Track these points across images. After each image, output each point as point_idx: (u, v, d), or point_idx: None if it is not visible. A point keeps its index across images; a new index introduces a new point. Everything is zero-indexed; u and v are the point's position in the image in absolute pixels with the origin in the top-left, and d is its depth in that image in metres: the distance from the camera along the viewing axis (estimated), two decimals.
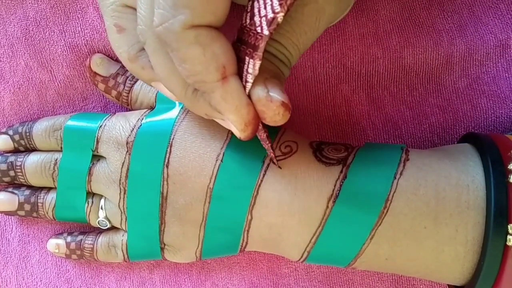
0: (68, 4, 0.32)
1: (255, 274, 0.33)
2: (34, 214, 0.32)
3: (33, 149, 0.32)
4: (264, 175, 0.26)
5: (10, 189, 0.32)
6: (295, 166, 0.26)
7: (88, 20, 0.32)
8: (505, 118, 0.31)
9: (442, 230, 0.24)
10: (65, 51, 0.33)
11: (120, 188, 0.29)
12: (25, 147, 0.32)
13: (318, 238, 0.26)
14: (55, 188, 0.31)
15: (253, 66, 0.20)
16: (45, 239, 0.34)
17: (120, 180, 0.29)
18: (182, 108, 0.29)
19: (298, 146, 0.27)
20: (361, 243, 0.25)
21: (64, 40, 0.33)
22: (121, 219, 0.30)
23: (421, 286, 0.31)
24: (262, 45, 0.20)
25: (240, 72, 0.21)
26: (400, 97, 0.32)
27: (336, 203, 0.25)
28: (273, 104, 0.21)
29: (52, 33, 0.33)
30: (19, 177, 0.32)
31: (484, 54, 0.31)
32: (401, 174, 0.25)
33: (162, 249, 0.29)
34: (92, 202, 0.31)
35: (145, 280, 0.33)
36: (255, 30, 0.20)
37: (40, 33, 0.33)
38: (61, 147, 0.31)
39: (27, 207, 0.32)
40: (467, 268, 0.25)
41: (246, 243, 0.28)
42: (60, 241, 0.32)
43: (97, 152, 0.30)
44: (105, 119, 0.30)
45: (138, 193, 0.28)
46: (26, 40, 0.33)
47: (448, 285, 0.28)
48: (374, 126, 0.32)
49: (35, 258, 0.34)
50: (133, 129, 0.29)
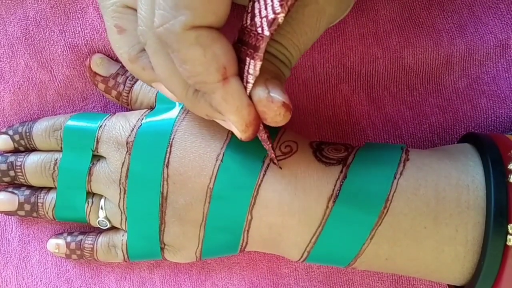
0: (68, 4, 0.32)
1: (255, 274, 0.33)
2: (34, 214, 0.32)
3: (33, 149, 0.32)
4: (264, 175, 0.26)
5: (10, 189, 0.32)
6: (295, 166, 0.26)
7: (88, 20, 0.32)
8: (505, 118, 0.31)
9: (442, 230, 0.24)
10: (65, 51, 0.33)
11: (120, 188, 0.29)
12: (25, 147, 0.32)
13: (318, 238, 0.26)
14: (55, 188, 0.31)
15: (254, 67, 0.20)
16: (45, 239, 0.34)
17: (120, 180, 0.29)
18: (182, 108, 0.29)
19: (298, 146, 0.27)
20: (361, 243, 0.25)
21: (64, 40, 0.33)
22: (121, 219, 0.30)
23: (421, 286, 0.31)
24: (263, 46, 0.20)
25: (241, 73, 0.21)
26: (400, 97, 0.32)
27: (336, 203, 0.25)
28: (274, 105, 0.21)
29: (52, 33, 0.33)
30: (19, 177, 0.32)
31: (484, 54, 0.31)
32: (401, 174, 0.25)
33: (162, 249, 0.29)
34: (92, 202, 0.31)
35: (145, 280, 0.33)
36: (256, 31, 0.20)
37: (40, 33, 0.33)
38: (61, 147, 0.31)
39: (27, 207, 0.32)
40: (467, 268, 0.25)
41: (246, 243, 0.28)
42: (60, 241, 0.32)
43: (97, 152, 0.30)
44: (105, 119, 0.30)
45: (138, 193, 0.28)
46: (26, 40, 0.33)
47: (448, 285, 0.28)
48: (374, 126, 0.32)
49: (35, 258, 0.34)
50: (133, 129, 0.29)
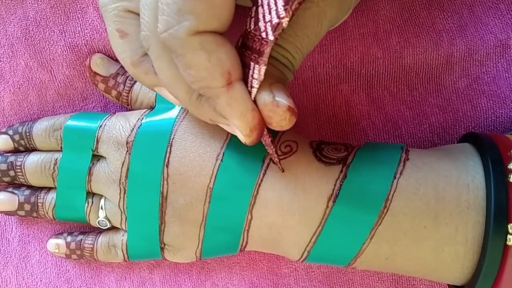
0: (68, 4, 0.32)
1: (255, 274, 0.33)
2: (34, 214, 0.32)
3: (33, 149, 0.32)
4: (264, 175, 0.26)
5: (10, 189, 0.32)
6: (295, 166, 0.26)
7: (88, 20, 0.32)
8: (505, 118, 0.31)
9: (442, 230, 0.24)
10: (65, 51, 0.33)
11: (120, 188, 0.29)
12: (25, 147, 0.32)
13: (318, 238, 0.26)
14: (55, 188, 0.31)
15: (259, 72, 0.20)
16: (45, 239, 0.34)
17: (120, 180, 0.29)
18: (182, 108, 0.29)
19: (298, 146, 0.27)
20: (361, 243, 0.25)
21: (64, 40, 0.33)
22: (121, 219, 0.30)
23: (421, 286, 0.31)
24: (268, 51, 0.20)
25: (245, 78, 0.21)
26: (400, 97, 0.32)
27: (336, 203, 0.25)
28: (280, 109, 0.21)
29: (52, 33, 0.33)
30: (19, 177, 0.32)
31: (484, 54, 0.31)
32: (401, 174, 0.25)
33: (162, 249, 0.29)
34: (92, 202, 0.31)
35: (145, 280, 0.33)
36: (260, 36, 0.20)
37: (40, 33, 0.33)
38: (61, 147, 0.31)
39: (27, 207, 0.32)
40: (467, 268, 0.25)
41: (246, 243, 0.28)
42: (60, 241, 0.32)
43: (97, 152, 0.30)
44: (105, 119, 0.30)
45: (138, 193, 0.28)
46: (26, 40, 0.33)
47: (448, 285, 0.28)
48: (374, 126, 0.32)
49: (35, 258, 0.34)
50: (133, 129, 0.29)
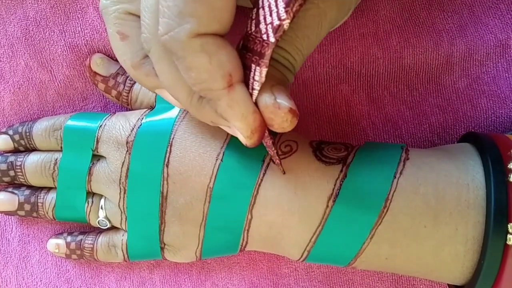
0: (68, 4, 0.32)
1: (255, 274, 0.33)
2: (34, 214, 0.32)
3: (33, 149, 0.32)
4: (264, 175, 0.26)
5: (10, 189, 0.32)
6: (295, 165, 0.26)
7: (88, 20, 0.32)
8: (505, 118, 0.31)
9: (442, 229, 0.24)
10: (65, 51, 0.33)
11: (120, 188, 0.29)
12: (25, 147, 0.32)
13: (318, 237, 0.26)
14: (55, 188, 0.31)
15: (260, 74, 0.20)
16: (45, 239, 0.34)
17: (120, 180, 0.29)
18: (182, 108, 0.29)
19: (298, 146, 0.27)
20: (361, 243, 0.25)
21: (64, 40, 0.33)
22: (121, 219, 0.30)
23: (421, 286, 0.31)
24: (269, 53, 0.20)
25: (246, 80, 0.21)
26: (400, 97, 0.32)
27: (336, 202, 0.25)
28: (281, 111, 0.21)
29: (52, 33, 0.33)
30: (19, 177, 0.32)
31: (484, 54, 0.31)
32: (401, 173, 0.25)
33: (162, 249, 0.29)
34: (92, 202, 0.31)
35: (145, 280, 0.33)
36: (261, 38, 0.20)
37: (40, 33, 0.33)
38: (61, 147, 0.31)
39: (27, 207, 0.32)
40: (467, 267, 0.25)
41: (246, 243, 0.28)
42: (60, 241, 0.32)
43: (97, 152, 0.30)
44: (105, 119, 0.30)
45: (138, 193, 0.28)
46: (26, 40, 0.33)
47: (448, 285, 0.28)
48: (374, 126, 0.32)
49: (35, 258, 0.34)
50: (133, 129, 0.29)
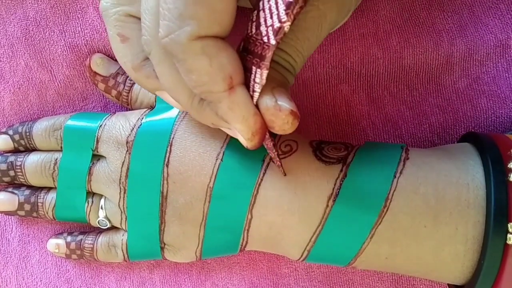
0: (68, 4, 0.32)
1: (255, 274, 0.33)
2: (34, 214, 0.32)
3: (33, 149, 0.32)
4: (264, 174, 0.26)
5: (10, 189, 0.32)
6: (295, 165, 0.26)
7: (88, 20, 0.32)
8: (505, 118, 0.31)
9: (442, 229, 0.24)
10: (65, 51, 0.33)
11: (120, 188, 0.29)
12: (25, 147, 0.32)
13: (318, 237, 0.26)
14: (55, 188, 0.31)
15: (261, 76, 0.20)
16: (45, 239, 0.34)
17: (120, 180, 0.29)
18: None
19: (298, 145, 0.27)
20: (361, 242, 0.25)
21: (64, 40, 0.33)
22: (121, 219, 0.30)
23: (421, 286, 0.31)
24: (269, 55, 0.20)
25: (247, 82, 0.21)
26: (400, 97, 0.32)
27: (336, 202, 0.25)
28: (282, 113, 0.21)
29: (52, 33, 0.33)
30: (19, 177, 0.32)
31: (484, 54, 0.31)
32: (401, 173, 0.25)
33: (162, 249, 0.29)
34: (92, 202, 0.31)
35: (145, 280, 0.33)
36: (262, 40, 0.20)
37: (40, 33, 0.33)
38: (61, 147, 0.31)
39: (27, 207, 0.32)
40: (467, 267, 0.25)
41: (246, 243, 0.28)
42: (60, 241, 0.32)
43: (97, 152, 0.30)
44: (105, 119, 0.30)
45: (138, 193, 0.28)
46: (26, 40, 0.33)
47: (448, 285, 0.28)
48: (374, 126, 0.32)
49: (35, 258, 0.34)
50: (133, 129, 0.29)
